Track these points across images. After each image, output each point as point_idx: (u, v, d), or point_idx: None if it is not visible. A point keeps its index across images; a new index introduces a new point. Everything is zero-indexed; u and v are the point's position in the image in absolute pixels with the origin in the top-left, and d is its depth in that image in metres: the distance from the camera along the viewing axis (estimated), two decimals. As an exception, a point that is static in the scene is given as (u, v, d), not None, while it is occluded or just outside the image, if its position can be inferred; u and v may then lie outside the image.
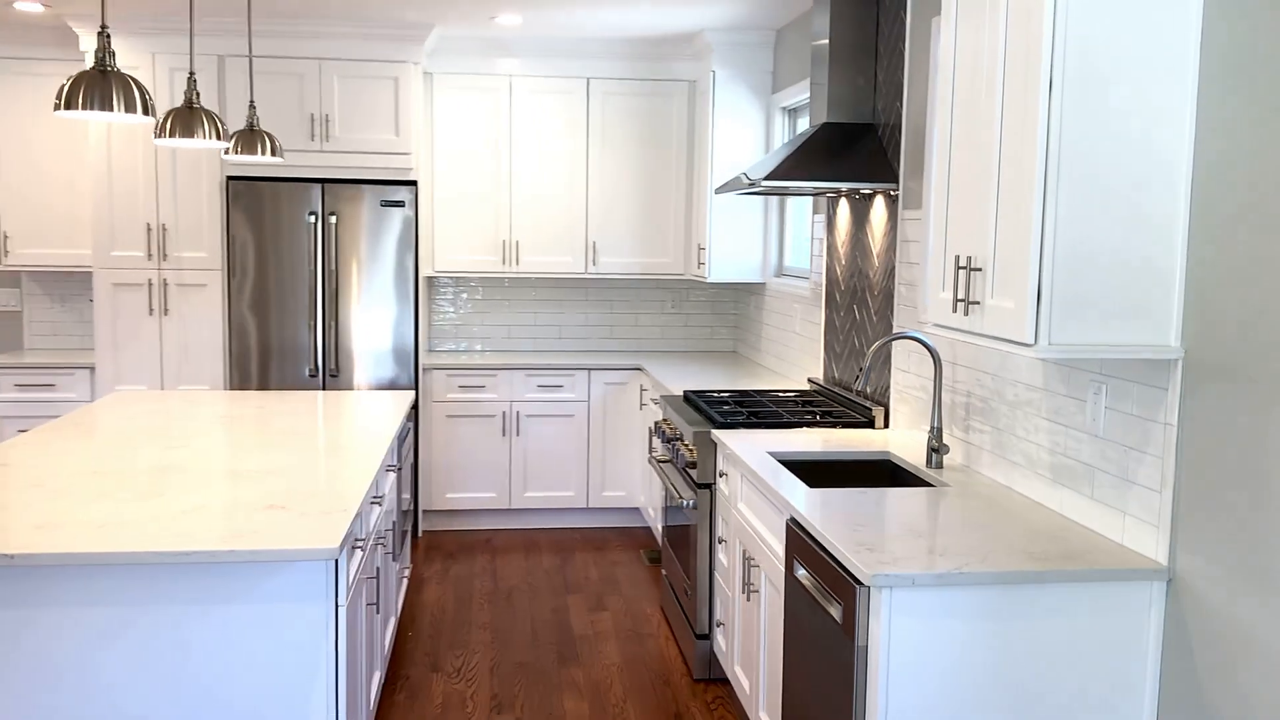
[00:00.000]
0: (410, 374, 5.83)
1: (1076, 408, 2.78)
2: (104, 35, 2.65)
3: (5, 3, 5.14)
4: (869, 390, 4.30)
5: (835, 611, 2.57)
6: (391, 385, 5.81)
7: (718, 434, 3.91)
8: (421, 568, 5.40)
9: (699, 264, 6.05)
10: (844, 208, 4.62)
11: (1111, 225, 2.32)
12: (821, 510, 2.84)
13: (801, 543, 2.84)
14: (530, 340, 6.58)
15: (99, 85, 2.62)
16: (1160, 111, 2.31)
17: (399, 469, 4.18)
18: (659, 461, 4.60)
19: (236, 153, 4.22)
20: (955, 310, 2.67)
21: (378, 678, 3.57)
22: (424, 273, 6.04)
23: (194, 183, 5.66)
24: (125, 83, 2.66)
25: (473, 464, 6.02)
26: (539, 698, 3.93)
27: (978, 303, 2.57)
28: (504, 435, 6.01)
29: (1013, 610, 2.39)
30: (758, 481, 3.29)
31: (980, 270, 2.57)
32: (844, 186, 4.00)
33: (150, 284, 5.69)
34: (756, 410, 4.28)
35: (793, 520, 2.93)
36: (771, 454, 3.60)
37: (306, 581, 2.66)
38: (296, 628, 2.66)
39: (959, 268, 2.65)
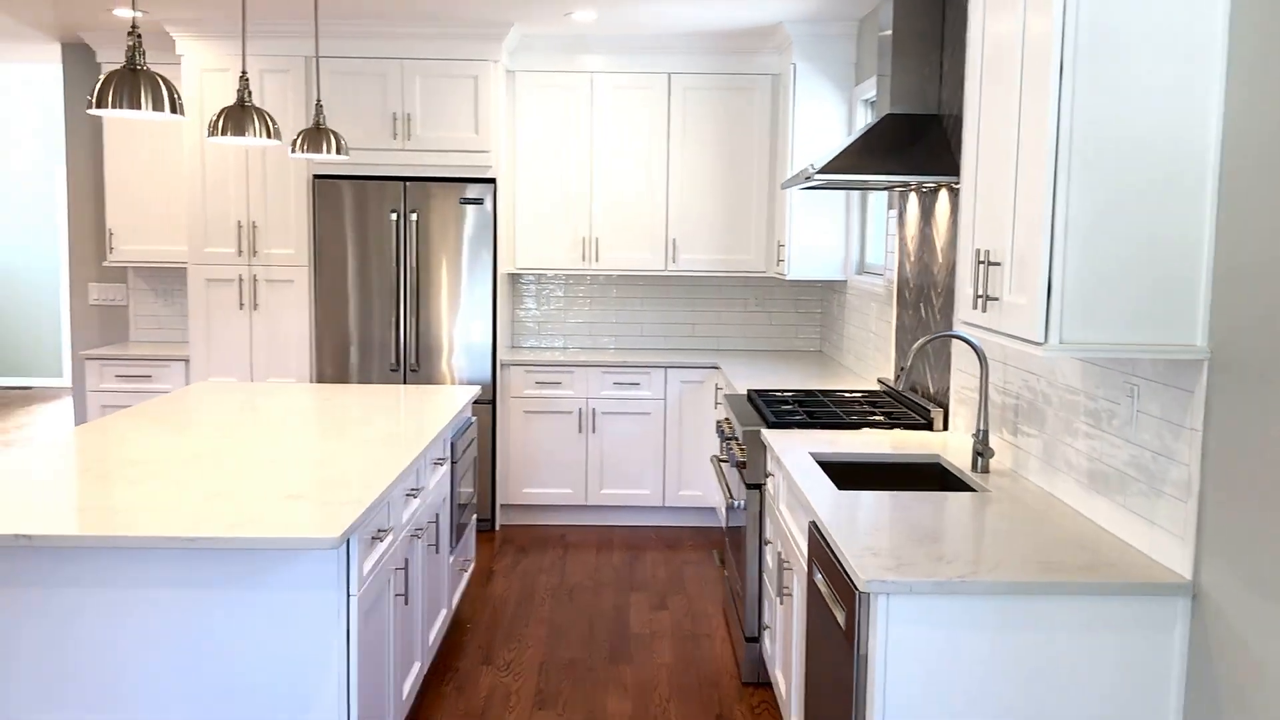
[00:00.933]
0: (488, 370, 5.89)
1: (1111, 411, 2.62)
2: (134, 34, 2.73)
3: (105, 9, 5.39)
4: (932, 391, 4.16)
5: (840, 617, 2.48)
6: (470, 381, 5.88)
7: (767, 434, 3.83)
8: (491, 561, 5.46)
9: (778, 261, 5.95)
10: (913, 202, 4.48)
11: (1131, 218, 2.18)
12: (841, 513, 2.75)
13: (818, 546, 2.76)
14: (612, 338, 6.58)
15: (129, 84, 2.71)
16: (1185, 96, 2.15)
17: (453, 462, 4.22)
18: (719, 460, 4.54)
19: (303, 150, 4.33)
20: (976, 306, 2.54)
21: (417, 668, 3.61)
22: (504, 270, 6.10)
23: (282, 181, 5.83)
24: (154, 81, 2.74)
25: (549, 460, 6.05)
26: (584, 695, 3.92)
27: (996, 299, 2.45)
28: (580, 432, 6.03)
29: (1023, 622, 2.26)
30: (791, 483, 3.20)
31: (999, 265, 2.44)
32: (902, 179, 3.87)
33: (240, 279, 5.89)
34: (815, 410, 4.18)
35: (813, 523, 2.85)
36: (813, 455, 3.51)
37: (317, 571, 2.70)
38: (308, 615, 2.70)
39: (978, 262, 2.53)
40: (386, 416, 4.04)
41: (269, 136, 3.62)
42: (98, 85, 2.71)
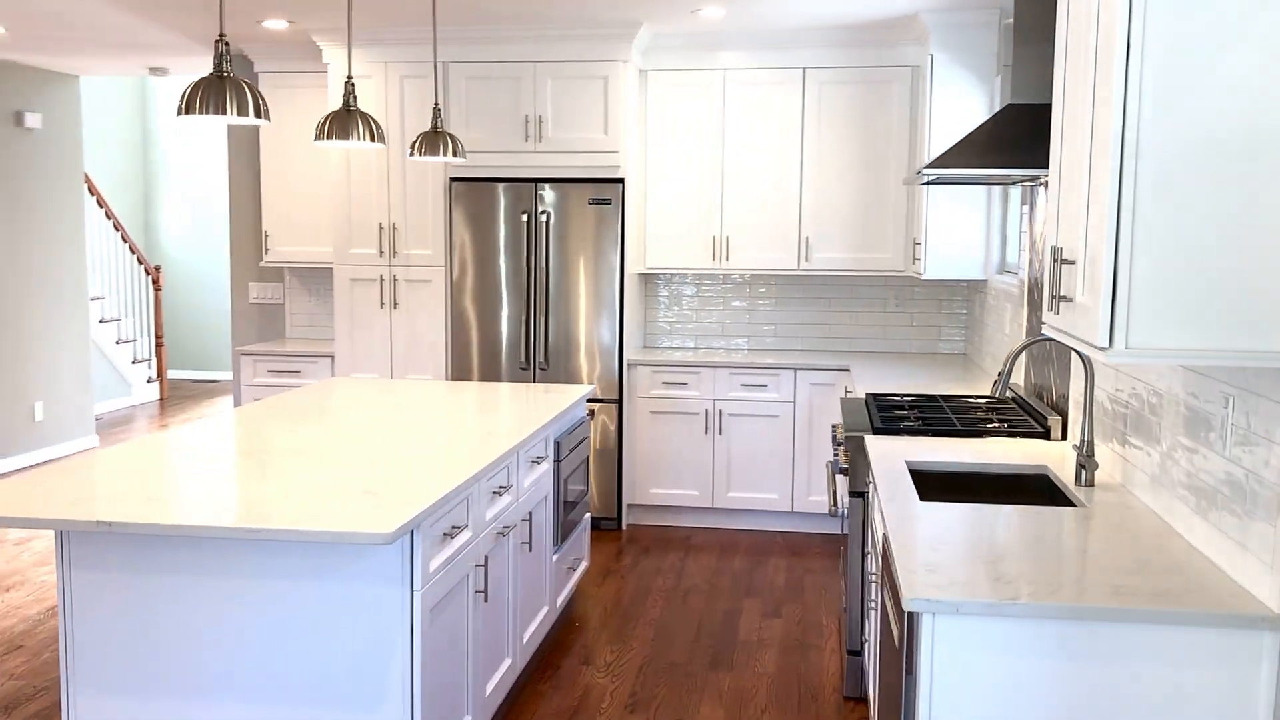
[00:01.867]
0: (615, 369, 5.90)
1: (1208, 422, 2.39)
2: (222, 43, 2.84)
3: (255, 21, 5.66)
4: (1054, 398, 3.91)
5: (896, 635, 2.35)
6: (597, 380, 5.90)
7: (870, 440, 3.69)
8: (611, 560, 5.46)
9: (914, 259, 5.73)
10: (1042, 198, 4.23)
11: (1210, 211, 1.97)
12: (910, 525, 2.61)
13: (886, 559, 2.62)
14: (745, 338, 6.49)
15: (215, 90, 2.82)
16: (1274, 76, 1.93)
17: (557, 460, 4.24)
18: (831, 465, 4.40)
19: (421, 154, 4.43)
20: (1051, 308, 2.36)
21: (507, 665, 3.63)
22: (634, 270, 6.10)
23: (421, 184, 6.00)
24: (239, 88, 2.85)
25: (676, 461, 6.01)
26: (677, 700, 3.86)
27: (1069, 299, 2.27)
28: (707, 434, 5.96)
29: (1086, 651, 2.09)
30: (878, 492, 3.07)
31: (1072, 263, 2.26)
32: (1018, 174, 3.65)
33: (381, 279, 6.09)
34: (929, 417, 4.00)
35: (885, 535, 2.71)
36: (910, 463, 3.35)
37: (381, 566, 2.74)
38: (373, 610, 2.75)
39: (1054, 260, 2.35)
40: (491, 414, 4.09)
41: (371, 140, 3.72)
42: (186, 92, 2.83)
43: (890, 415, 4.03)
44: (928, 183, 4.13)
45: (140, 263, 10.37)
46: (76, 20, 5.74)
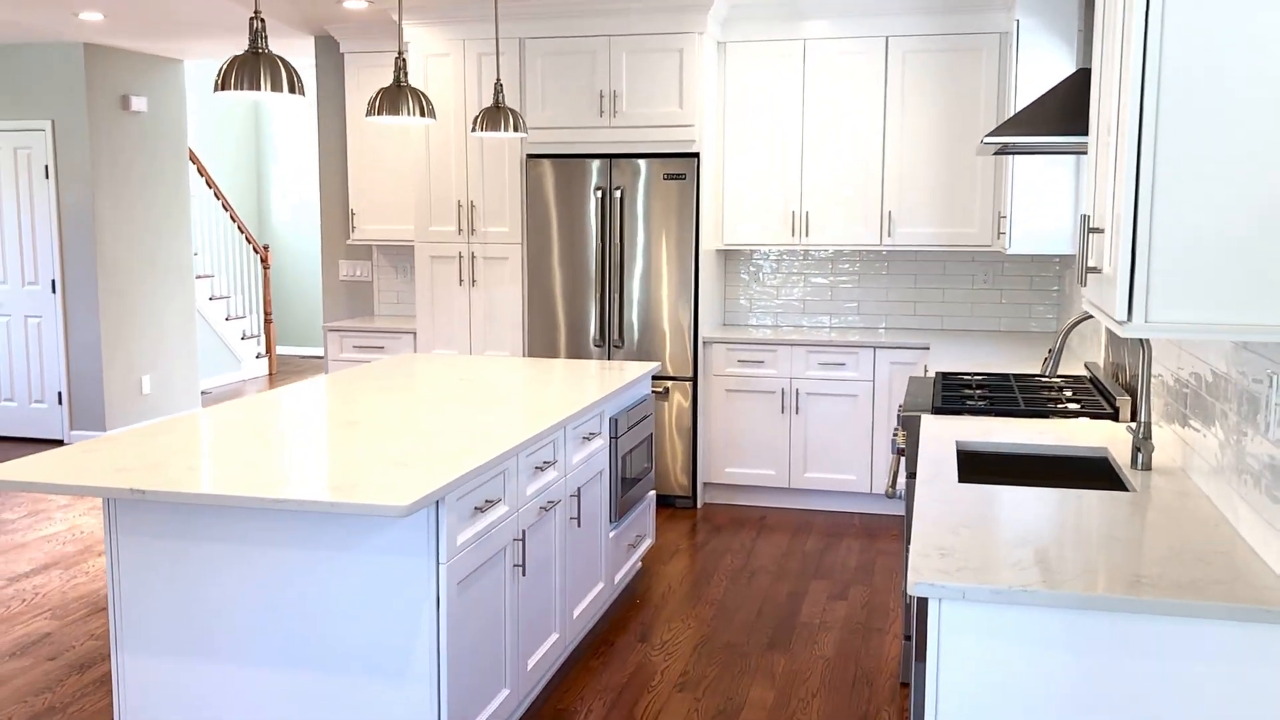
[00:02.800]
0: (690, 347, 5.85)
1: (1257, 403, 2.23)
2: (257, 19, 2.88)
3: (335, 1, 5.75)
4: (1126, 377, 3.72)
5: (916, 621, 2.26)
6: (671, 358, 5.86)
7: (925, 419, 3.56)
8: (681, 539, 5.42)
9: (999, 234, 5.52)
10: (1122, 167, 4.01)
11: (1240, 174, 1.82)
12: (939, 507, 2.50)
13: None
14: (826, 315, 6.36)
15: (250, 66, 2.86)
16: (1309, 21, 1.78)
17: (614, 437, 4.21)
18: (891, 444, 4.27)
19: (482, 130, 4.44)
20: (1082, 280, 2.23)
21: (554, 640, 3.63)
22: (711, 246, 6.02)
23: (498, 162, 6.03)
24: (274, 63, 2.88)
25: (752, 441, 5.93)
26: (728, 681, 3.82)
27: (1097, 270, 2.14)
28: (783, 413, 5.87)
29: (1103, 643, 1.97)
30: (918, 472, 2.96)
31: (1100, 232, 2.13)
32: (1075, 140, 3.47)
33: (460, 257, 6.15)
34: (996, 397, 3.85)
35: (915, 517, 2.61)
36: (961, 444, 3.22)
37: (407, 538, 2.76)
38: (400, 582, 2.78)
39: (1085, 229, 2.21)
40: (546, 390, 4.09)
41: (422, 115, 3.73)
42: (222, 68, 2.88)
43: (955, 394, 3.89)
44: (997, 153, 3.96)
45: (249, 242, 10.70)
46: (174, 5, 5.92)
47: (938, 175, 5.84)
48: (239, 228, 10.55)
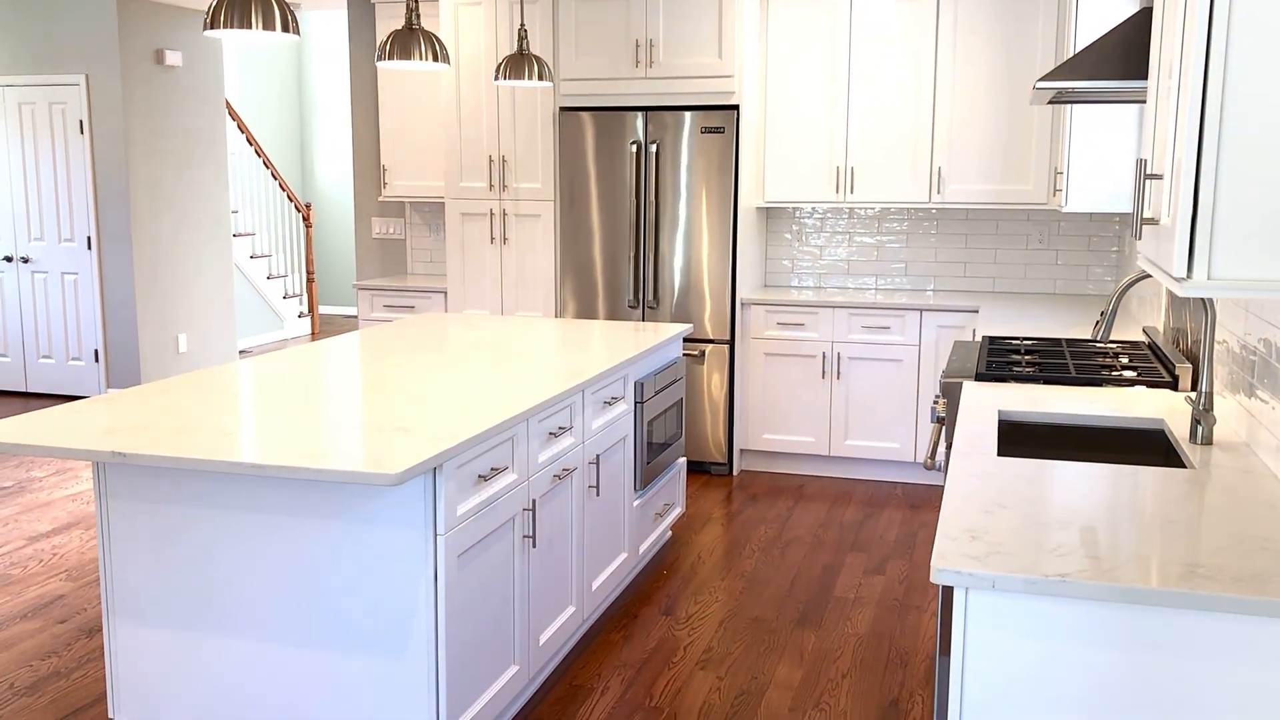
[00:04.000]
0: (727, 308, 5.62)
1: (1335, 373, 1.98)
2: (256, -42, 2.70)
3: (362, -49, 5.55)
4: (1189, 343, 3.44)
5: (944, 612, 2.05)
6: (708, 320, 5.64)
7: (966, 387, 3.33)
8: (715, 507, 5.23)
9: (1055, 190, 5.22)
10: (1188, 116, 3.71)
11: (1323, 105, 1.58)
12: (972, 483, 2.28)
13: (944, 521, 2.30)
14: (873, 277, 6.10)
15: (239, 4, 2.68)
16: None
17: (639, 402, 4.02)
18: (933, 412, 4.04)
19: (505, 77, 4.24)
20: (1137, 233, 1.99)
21: (570, 613, 3.47)
22: (751, 203, 5.78)
23: (530, 115, 5.82)
24: (266, 2, 2.70)
25: (791, 406, 5.71)
26: (754, 658, 3.63)
27: (1154, 221, 1.89)
28: (824, 378, 5.64)
29: (1154, 641, 1.75)
30: (954, 443, 2.73)
31: (1159, 178, 1.88)
32: (1132, 85, 3.18)
33: (491, 214, 5.97)
34: (1046, 363, 3.60)
35: (946, 493, 2.39)
36: (1005, 414, 2.99)
37: (402, 508, 2.60)
38: (398, 552, 2.62)
39: (1140, 175, 1.96)
40: (567, 353, 3.90)
41: (435, 60, 3.53)
42: (211, 6, 2.70)
43: (1001, 360, 3.64)
44: (1052, 101, 3.68)
45: (290, 200, 10.61)
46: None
47: (991, 128, 5.53)
48: (280, 185, 10.46)
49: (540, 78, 4.25)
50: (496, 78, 4.26)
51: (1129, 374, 3.39)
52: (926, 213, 5.98)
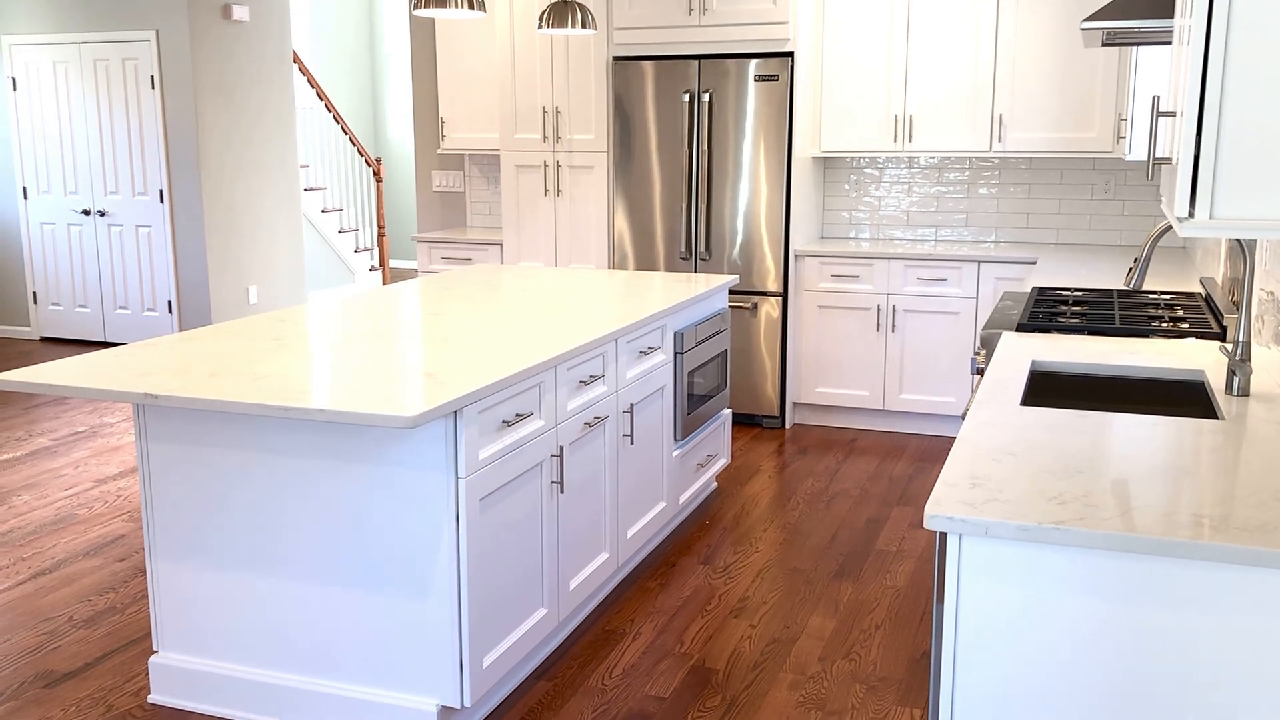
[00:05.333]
0: (781, 260, 5.57)
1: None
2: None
3: (416, -99, 5.55)
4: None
5: (940, 559, 2.03)
6: (761, 271, 5.60)
7: (1004, 337, 3.26)
8: (764, 459, 5.22)
9: (1118, 138, 5.06)
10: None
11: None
12: (990, 432, 2.24)
13: (957, 470, 2.27)
14: (932, 228, 5.98)
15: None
16: None
17: (679, 353, 4.01)
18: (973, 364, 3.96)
19: (549, 26, 4.22)
20: (1150, 175, 1.92)
21: (603, 559, 3.50)
22: (807, 153, 5.69)
23: (584, 66, 5.80)
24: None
25: (845, 359, 5.65)
26: (789, 608, 3.63)
27: (1168, 160, 1.83)
28: (879, 331, 5.56)
29: (1151, 593, 1.71)
30: (978, 393, 2.68)
31: (1172, 115, 1.81)
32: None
33: (545, 165, 5.97)
34: (1092, 314, 3.50)
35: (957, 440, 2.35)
36: (1039, 364, 2.93)
37: (424, 451, 2.64)
38: (421, 496, 2.67)
39: (1153, 113, 1.89)
40: (607, 303, 3.91)
41: (471, 7, 3.53)
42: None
43: (1046, 311, 3.56)
44: (1106, 43, 3.55)
45: (361, 155, 10.74)
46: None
47: (1054, 73, 5.36)
48: (350, 140, 10.59)
49: (584, 25, 4.22)
50: (540, 26, 4.25)
51: (1177, 326, 3.29)
52: (988, 162, 5.84)
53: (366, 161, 10.76)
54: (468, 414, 2.64)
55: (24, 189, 8.12)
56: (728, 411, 4.68)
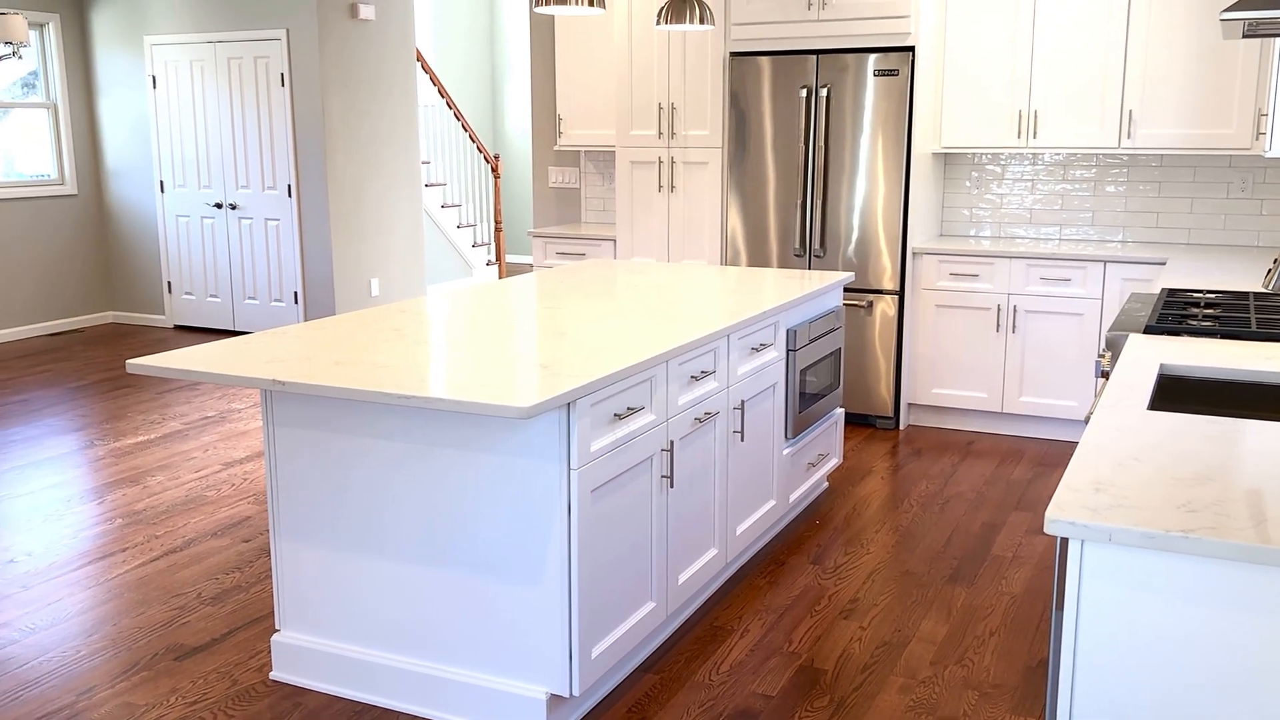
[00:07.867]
0: (898, 258, 5.48)
1: None
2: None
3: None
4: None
5: (1060, 566, 1.97)
6: (877, 269, 5.52)
7: (1131, 339, 3.15)
8: (877, 460, 5.15)
9: (1258, 134, 4.84)
10: (1406, 48, 3.37)
11: None
12: (1116, 436, 2.17)
13: (1079, 474, 2.20)
14: (1056, 227, 5.81)
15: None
16: None
17: (791, 350, 3.99)
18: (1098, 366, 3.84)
19: (667, 22, 4.23)
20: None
21: (712, 555, 3.50)
22: (927, 149, 5.59)
23: (700, 61, 5.79)
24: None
25: (963, 360, 5.54)
26: (900, 612, 3.58)
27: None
28: (999, 332, 5.43)
29: (1274, 605, 1.64)
30: (1107, 397, 2.60)
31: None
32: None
33: (660, 161, 5.99)
34: (1227, 316, 3.36)
35: (1080, 445, 2.28)
36: (1168, 368, 2.82)
37: (539, 442, 2.68)
38: (533, 485, 2.71)
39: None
40: (720, 299, 3.90)
41: (590, 5, 3.56)
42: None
43: (1176, 313, 3.43)
44: (1247, 35, 3.40)
45: (480, 151, 10.93)
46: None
47: (1188, 67, 5.16)
48: (470, 137, 10.78)
49: (702, 21, 4.22)
50: (659, 22, 4.26)
51: (1319, 330, 3.13)
52: (1116, 159, 5.65)
53: (485, 158, 10.95)
54: (581, 406, 2.67)
55: (160, 183, 8.49)
56: (840, 411, 4.63)
